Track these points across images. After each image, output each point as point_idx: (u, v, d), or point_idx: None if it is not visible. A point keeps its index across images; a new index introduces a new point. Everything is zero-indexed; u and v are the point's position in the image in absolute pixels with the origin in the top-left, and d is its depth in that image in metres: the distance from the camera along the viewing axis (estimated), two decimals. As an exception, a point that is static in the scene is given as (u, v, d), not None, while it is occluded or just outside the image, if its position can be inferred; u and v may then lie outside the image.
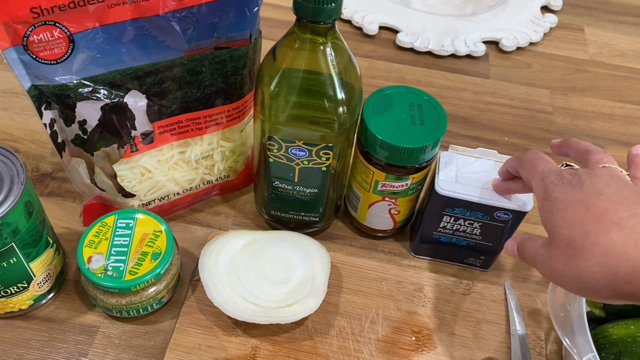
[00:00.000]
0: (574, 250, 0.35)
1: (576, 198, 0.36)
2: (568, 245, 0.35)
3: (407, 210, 0.54)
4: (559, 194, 0.37)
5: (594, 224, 0.34)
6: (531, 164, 0.41)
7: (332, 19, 0.41)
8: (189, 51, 0.46)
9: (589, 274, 0.34)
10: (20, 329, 0.48)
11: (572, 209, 0.36)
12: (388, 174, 0.49)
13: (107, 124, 0.46)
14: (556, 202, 0.37)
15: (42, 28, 0.40)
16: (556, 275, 0.36)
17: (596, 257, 0.34)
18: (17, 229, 0.42)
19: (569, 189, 0.37)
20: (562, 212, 0.36)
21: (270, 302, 0.47)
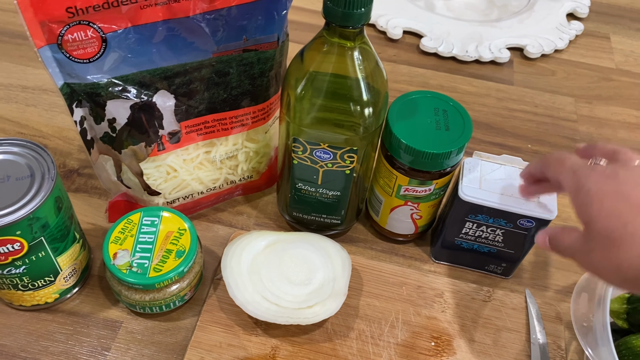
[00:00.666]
0: (612, 242, 0.34)
1: (612, 189, 0.35)
2: (606, 237, 0.35)
3: (429, 216, 0.54)
4: (593, 185, 0.36)
5: (633, 215, 0.34)
6: (559, 161, 0.41)
7: (361, 24, 0.41)
8: (217, 53, 0.47)
9: (628, 265, 0.34)
10: (46, 321, 0.49)
11: (609, 199, 0.35)
12: (412, 178, 0.49)
13: (135, 123, 0.47)
14: (591, 194, 0.36)
15: (77, 27, 0.41)
16: (595, 267, 0.36)
17: (636, 248, 0.33)
18: (47, 223, 0.43)
19: (603, 179, 0.36)
20: (598, 203, 0.35)
21: (291, 302, 0.47)
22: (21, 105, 0.67)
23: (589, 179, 0.37)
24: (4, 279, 0.45)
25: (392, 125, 0.48)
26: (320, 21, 0.43)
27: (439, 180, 0.49)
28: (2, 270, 0.44)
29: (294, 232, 0.54)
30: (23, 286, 0.46)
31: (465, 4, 0.87)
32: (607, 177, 0.36)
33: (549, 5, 0.87)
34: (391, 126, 0.48)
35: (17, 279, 0.45)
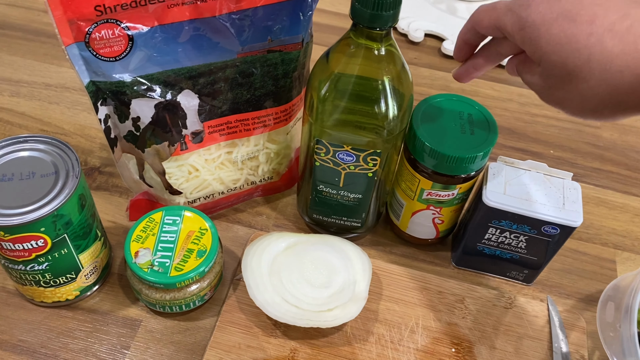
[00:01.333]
0: (569, 74, 0.31)
1: (557, 12, 0.31)
2: (562, 69, 0.31)
3: (451, 221, 0.53)
4: (536, 15, 0.32)
5: (584, 37, 0.30)
6: (490, 9, 0.36)
7: (388, 26, 0.41)
8: (242, 53, 0.47)
9: (591, 95, 0.31)
10: (66, 318, 0.50)
11: (556, 25, 0.31)
12: (435, 182, 0.49)
13: (159, 122, 0.47)
14: (536, 25, 0.32)
15: (104, 26, 0.41)
16: (559, 103, 0.33)
17: (595, 74, 0.30)
18: (70, 220, 0.44)
19: (544, 5, 0.32)
20: (546, 33, 0.31)
21: (311, 305, 0.47)
22: (44, 103, 0.67)
23: (529, 8, 0.32)
24: (26, 275, 0.45)
25: (416, 128, 0.47)
26: (343, 23, 0.43)
27: (462, 184, 0.49)
28: (25, 267, 0.44)
29: (314, 234, 0.54)
30: (45, 283, 0.47)
31: (487, 8, 0.87)
32: (547, 2, 0.32)
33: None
34: (415, 129, 0.47)
35: (40, 276, 0.46)
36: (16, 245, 0.42)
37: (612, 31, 0.29)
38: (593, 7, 0.30)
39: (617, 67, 0.29)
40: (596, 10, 0.30)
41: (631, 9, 0.30)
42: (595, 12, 0.30)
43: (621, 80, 0.29)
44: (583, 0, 0.31)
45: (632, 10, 0.30)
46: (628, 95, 0.30)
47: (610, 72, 0.29)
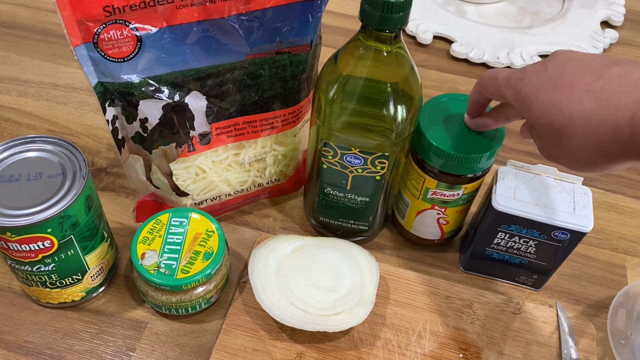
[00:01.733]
0: (558, 132, 0.34)
1: (544, 81, 0.35)
2: (551, 130, 0.35)
3: (456, 222, 0.53)
4: (528, 86, 0.36)
5: (565, 99, 0.33)
6: (492, 78, 0.41)
7: (398, 28, 0.40)
8: (250, 55, 0.47)
9: (580, 150, 0.34)
10: (72, 319, 0.49)
11: (542, 93, 0.35)
12: (440, 182, 0.48)
13: (167, 123, 0.46)
14: (528, 95, 0.36)
15: (113, 26, 0.41)
16: (557, 160, 0.36)
17: (578, 131, 0.33)
18: (77, 222, 0.43)
19: (534, 76, 0.36)
20: (535, 100, 0.35)
21: (318, 309, 0.47)
22: (52, 103, 0.67)
23: (522, 81, 0.37)
24: (33, 276, 0.45)
25: (423, 128, 0.47)
26: (352, 25, 0.42)
27: (468, 185, 0.48)
28: (32, 267, 0.44)
29: (321, 237, 0.54)
30: (51, 284, 0.46)
31: (496, 10, 0.86)
32: (537, 72, 0.36)
33: (582, 12, 0.86)
34: (422, 129, 0.47)
35: (46, 276, 0.45)
36: (23, 246, 0.42)
37: (589, 91, 0.33)
38: (573, 73, 0.34)
39: (596, 122, 0.32)
40: (576, 75, 0.34)
41: (605, 70, 0.33)
42: (574, 77, 0.34)
43: (601, 133, 0.32)
44: (565, 68, 0.35)
45: (606, 70, 0.33)
46: (611, 146, 0.32)
47: (591, 127, 0.32)
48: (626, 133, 0.31)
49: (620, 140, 0.32)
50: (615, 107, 0.31)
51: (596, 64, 0.34)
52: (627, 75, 0.32)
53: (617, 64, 0.33)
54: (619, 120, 0.31)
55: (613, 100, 0.32)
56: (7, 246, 0.42)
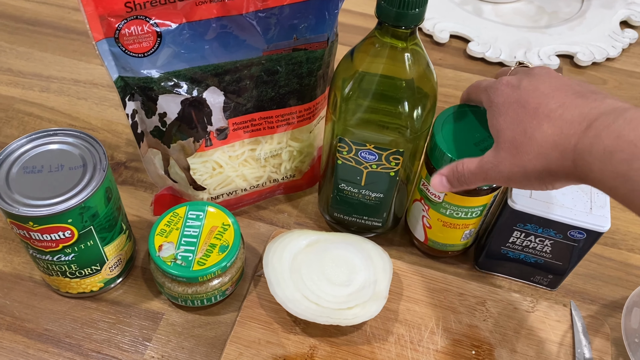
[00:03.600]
0: (516, 149, 0.37)
1: (515, 98, 0.38)
2: (511, 144, 0.38)
3: (438, 230, 0.51)
4: (500, 98, 0.39)
5: (529, 120, 0.37)
6: (476, 86, 0.44)
7: (414, 24, 0.41)
8: (267, 51, 0.47)
9: (531, 167, 0.37)
10: (90, 309, 0.50)
11: (511, 109, 0.38)
12: (429, 174, 0.48)
13: (185, 118, 0.47)
14: (498, 106, 0.39)
15: (134, 22, 0.42)
16: (506, 176, 0.39)
17: (534, 149, 0.36)
18: (97, 213, 0.44)
19: (508, 90, 0.39)
20: (504, 114, 0.39)
21: (331, 303, 0.47)
22: (72, 98, 0.69)
23: (496, 92, 0.40)
24: (53, 266, 0.46)
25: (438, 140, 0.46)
26: (368, 23, 0.43)
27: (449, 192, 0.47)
28: (52, 257, 0.45)
29: (335, 232, 0.54)
30: (71, 273, 0.47)
31: (513, 10, 0.86)
32: (512, 87, 0.39)
33: (601, 12, 0.85)
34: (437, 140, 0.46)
35: (66, 266, 0.46)
36: (44, 235, 0.43)
37: (549, 117, 0.36)
38: (540, 97, 0.38)
39: (549, 145, 0.36)
40: (542, 100, 0.37)
41: (568, 100, 0.36)
42: (540, 102, 0.37)
43: (551, 155, 0.36)
44: (537, 90, 0.38)
45: (568, 100, 0.36)
46: (557, 168, 0.36)
47: (545, 148, 0.36)
48: (569, 159, 0.35)
49: (565, 164, 0.35)
50: (565, 134, 0.35)
51: (564, 93, 0.37)
52: (582, 108, 0.35)
53: (580, 96, 0.37)
54: (566, 146, 0.35)
55: (565, 128, 0.35)
56: (29, 236, 0.43)
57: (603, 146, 0.33)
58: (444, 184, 0.43)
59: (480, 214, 0.49)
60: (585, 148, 0.34)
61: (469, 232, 0.51)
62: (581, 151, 0.34)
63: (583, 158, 0.34)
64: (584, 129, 0.34)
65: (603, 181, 0.33)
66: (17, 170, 0.43)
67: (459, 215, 0.49)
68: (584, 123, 0.35)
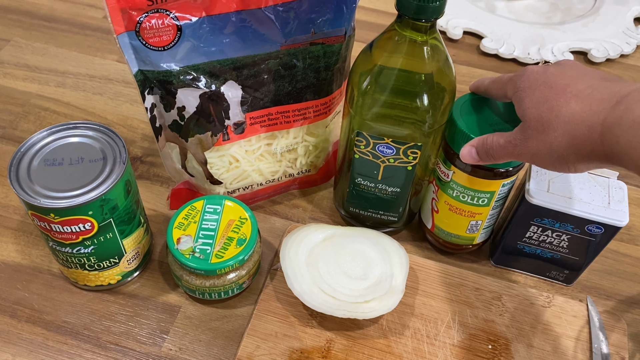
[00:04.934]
0: (543, 125, 0.38)
1: (542, 81, 0.40)
2: (538, 122, 0.38)
3: (444, 216, 0.51)
4: (527, 82, 0.40)
5: (557, 98, 0.38)
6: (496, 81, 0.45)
7: (434, 17, 0.41)
8: (285, 45, 0.47)
9: (557, 143, 0.37)
10: (108, 302, 0.51)
11: (538, 91, 0.39)
12: (443, 153, 0.48)
13: (203, 112, 0.47)
14: (525, 90, 0.40)
15: (154, 15, 0.42)
16: (533, 154, 0.39)
17: (561, 126, 0.37)
18: (116, 205, 0.45)
19: (535, 75, 0.40)
20: (530, 95, 0.40)
21: (348, 296, 0.47)
22: (88, 94, 0.69)
23: (522, 78, 0.41)
24: (72, 258, 0.47)
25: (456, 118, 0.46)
26: (383, 20, 0.43)
27: (457, 169, 0.48)
28: (72, 249, 0.46)
29: (351, 226, 0.54)
30: (89, 266, 0.48)
31: (526, 7, 0.86)
32: (538, 73, 0.40)
33: (615, 9, 0.85)
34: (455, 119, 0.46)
35: (85, 259, 0.47)
36: (65, 227, 0.43)
37: (577, 96, 0.37)
38: (569, 79, 0.39)
39: (577, 121, 0.36)
40: (570, 81, 0.38)
41: (596, 82, 0.38)
42: (568, 82, 0.38)
43: (578, 131, 0.36)
44: (564, 73, 0.39)
45: (597, 82, 0.38)
46: (584, 144, 0.36)
47: (572, 124, 0.37)
48: (597, 133, 0.35)
49: (592, 139, 0.36)
50: (594, 111, 0.36)
51: (592, 77, 0.38)
52: (612, 87, 0.36)
53: (609, 80, 0.38)
54: (594, 121, 0.36)
55: (594, 105, 0.36)
56: (50, 227, 0.43)
57: (633, 117, 0.33)
58: (472, 154, 0.44)
59: (487, 202, 0.49)
60: (614, 121, 0.34)
61: (475, 223, 0.51)
62: (610, 125, 0.34)
63: (611, 131, 0.34)
64: (613, 104, 0.35)
65: (630, 153, 0.33)
66: (38, 163, 0.44)
67: (465, 199, 0.49)
68: (614, 99, 0.35)
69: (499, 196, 0.49)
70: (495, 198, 0.49)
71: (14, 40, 0.75)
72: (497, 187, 0.48)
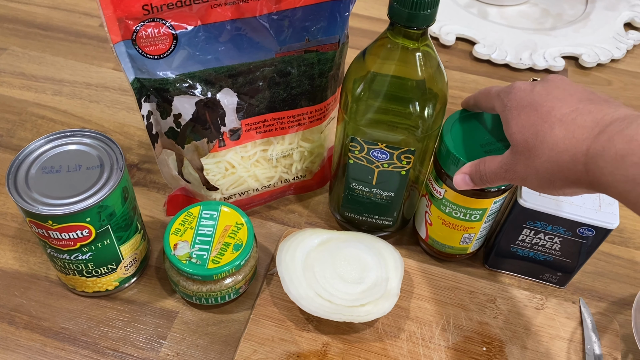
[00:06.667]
0: (529, 151, 0.38)
1: (528, 102, 0.39)
2: (524, 147, 0.38)
3: (438, 229, 0.52)
4: (514, 102, 0.40)
5: (541, 123, 0.37)
6: (485, 93, 0.45)
7: (426, 25, 0.41)
8: (280, 53, 0.48)
9: (543, 169, 0.37)
10: (106, 308, 0.51)
11: (524, 113, 0.39)
12: (434, 171, 0.49)
13: (199, 119, 0.48)
14: (512, 111, 0.40)
15: (150, 24, 0.43)
16: (521, 178, 0.39)
17: (545, 152, 0.37)
18: (114, 212, 0.45)
19: (521, 94, 0.40)
20: (517, 118, 0.39)
21: (344, 300, 0.48)
22: (85, 102, 0.69)
23: (509, 97, 0.41)
24: (70, 265, 0.47)
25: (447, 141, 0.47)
26: (376, 27, 0.43)
27: (448, 188, 0.48)
28: (70, 256, 0.46)
29: (346, 231, 0.55)
30: (87, 272, 0.48)
31: (518, 13, 0.87)
32: (524, 92, 0.40)
33: (605, 14, 0.86)
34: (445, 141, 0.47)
35: (83, 265, 0.47)
36: (63, 234, 0.44)
37: (562, 121, 0.36)
38: (554, 101, 0.38)
39: (560, 149, 0.36)
40: (555, 104, 0.38)
41: (580, 105, 0.37)
42: (553, 105, 0.37)
43: (562, 159, 0.36)
44: (550, 94, 0.39)
45: (581, 106, 0.37)
46: (569, 171, 0.36)
47: (556, 152, 0.36)
48: (581, 163, 0.35)
49: (576, 169, 0.35)
50: (577, 139, 0.35)
51: (576, 98, 0.38)
52: (595, 114, 0.36)
53: (593, 102, 0.37)
54: (577, 150, 0.35)
55: (577, 132, 0.35)
56: (48, 234, 0.44)
57: (615, 150, 0.33)
58: (466, 181, 0.44)
59: (479, 218, 0.50)
60: (597, 152, 0.34)
61: (468, 236, 0.52)
62: (593, 155, 0.34)
63: (595, 162, 0.34)
64: (596, 134, 0.34)
65: (614, 185, 0.33)
66: (36, 171, 0.44)
67: (457, 215, 0.50)
68: (597, 128, 0.35)
69: (491, 212, 0.49)
70: (487, 214, 0.49)
71: (10, 49, 0.76)
72: (489, 205, 0.48)
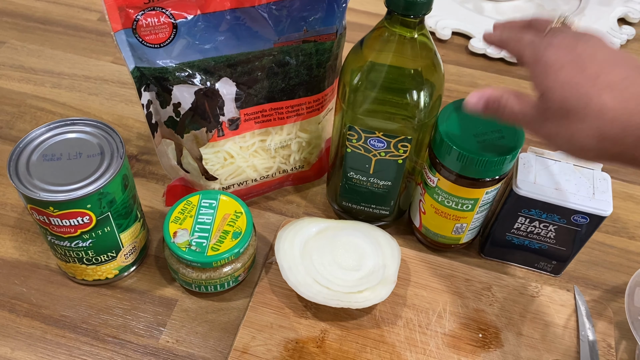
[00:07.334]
0: (567, 112, 0.35)
1: (569, 59, 0.35)
2: (561, 106, 0.35)
3: (431, 218, 0.53)
4: (552, 55, 0.36)
5: (588, 86, 0.34)
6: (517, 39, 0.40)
7: (423, 13, 0.42)
8: (278, 43, 0.49)
9: (580, 135, 0.34)
10: (106, 296, 0.52)
11: (566, 70, 0.35)
12: (429, 160, 0.50)
13: (198, 109, 0.49)
14: (549, 64, 0.36)
15: (151, 13, 0.43)
16: (548, 136, 0.37)
17: (589, 119, 0.34)
18: (114, 199, 0.46)
19: (561, 50, 0.36)
20: (555, 73, 0.35)
21: (341, 287, 0.48)
22: (84, 94, 0.70)
23: (547, 50, 0.37)
24: (71, 252, 0.47)
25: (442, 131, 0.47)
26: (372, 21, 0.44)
27: (442, 177, 0.49)
28: (71, 243, 0.46)
29: (344, 220, 0.55)
30: (87, 260, 0.49)
31: (514, 7, 0.88)
32: (565, 48, 0.36)
33: (599, 9, 0.87)
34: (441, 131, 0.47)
35: (83, 252, 0.48)
36: (63, 221, 0.44)
37: (611, 87, 0.33)
38: (602, 64, 0.35)
39: (609, 118, 0.33)
40: (604, 67, 0.34)
41: (632, 73, 0.34)
42: (602, 69, 0.34)
43: (610, 129, 0.33)
44: (596, 55, 0.35)
45: (633, 73, 0.34)
46: (612, 143, 0.33)
47: (603, 120, 0.33)
48: (632, 136, 0.33)
49: (624, 141, 0.33)
50: (631, 111, 0.33)
51: (627, 66, 0.35)
52: None
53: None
54: (630, 123, 0.32)
55: (631, 103, 0.33)
56: (48, 221, 0.44)
57: None
58: (479, 106, 0.40)
59: (471, 208, 0.50)
60: None
61: (460, 225, 0.52)
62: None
63: None
64: None
65: None
66: (37, 158, 0.45)
67: (449, 204, 0.50)
68: None
69: (483, 202, 0.50)
70: (479, 204, 0.50)
71: (9, 42, 0.76)
72: (481, 195, 0.49)
